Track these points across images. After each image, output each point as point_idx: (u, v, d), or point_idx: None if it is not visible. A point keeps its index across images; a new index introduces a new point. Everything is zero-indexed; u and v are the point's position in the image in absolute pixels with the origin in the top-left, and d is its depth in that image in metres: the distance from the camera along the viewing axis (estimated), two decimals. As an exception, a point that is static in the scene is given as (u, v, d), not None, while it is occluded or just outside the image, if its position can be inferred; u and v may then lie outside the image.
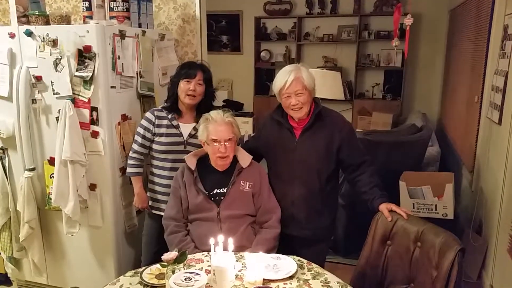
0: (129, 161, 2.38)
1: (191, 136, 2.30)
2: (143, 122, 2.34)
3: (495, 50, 2.92)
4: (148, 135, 2.32)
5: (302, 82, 2.01)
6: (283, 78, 2.02)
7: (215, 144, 2.02)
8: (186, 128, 2.32)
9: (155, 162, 2.36)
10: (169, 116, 2.31)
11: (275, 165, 2.18)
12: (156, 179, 2.36)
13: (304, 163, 2.08)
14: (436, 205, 2.89)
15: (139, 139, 2.34)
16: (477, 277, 2.83)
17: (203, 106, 2.29)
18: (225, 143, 2.01)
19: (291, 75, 2.00)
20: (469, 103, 3.65)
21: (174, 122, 2.31)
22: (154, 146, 2.33)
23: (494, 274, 2.60)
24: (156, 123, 2.31)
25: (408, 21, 3.06)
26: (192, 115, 2.34)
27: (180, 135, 2.31)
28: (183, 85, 2.25)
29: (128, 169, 2.38)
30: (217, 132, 2.02)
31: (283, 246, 2.09)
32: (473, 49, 3.73)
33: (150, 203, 2.42)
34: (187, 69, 2.27)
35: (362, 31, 5.89)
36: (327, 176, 2.11)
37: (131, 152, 2.38)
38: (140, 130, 2.34)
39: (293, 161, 2.09)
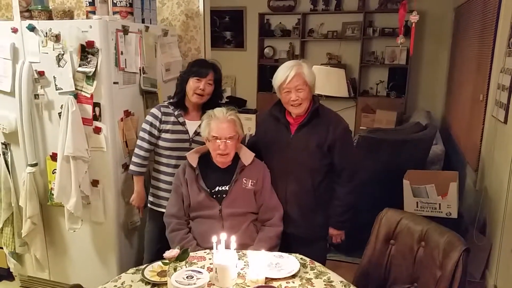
0: (134, 159, 2.33)
1: (196, 133, 2.28)
2: (149, 118, 2.30)
3: (501, 48, 2.89)
4: (154, 131, 2.28)
5: (303, 77, 2.00)
6: (285, 73, 2.02)
7: (216, 141, 2.00)
8: (192, 125, 2.29)
9: (159, 159, 2.34)
10: (176, 113, 2.29)
11: (269, 161, 2.17)
12: (160, 176, 2.35)
13: (296, 159, 2.08)
14: (440, 204, 2.87)
15: (145, 136, 2.29)
16: (481, 277, 2.81)
17: (210, 105, 2.24)
18: (226, 141, 2.00)
19: (293, 70, 2.00)
20: (474, 101, 3.62)
21: (181, 119, 2.29)
22: (160, 143, 2.30)
23: (498, 274, 2.58)
24: (163, 119, 2.28)
25: (414, 18, 3.04)
26: (198, 112, 2.31)
27: (186, 132, 2.29)
28: (192, 83, 2.23)
29: (132, 167, 2.35)
30: (218, 129, 2.00)
31: (280, 243, 2.08)
32: (478, 46, 3.70)
33: (152, 199, 2.40)
34: (199, 67, 2.24)
35: (366, 28, 5.84)
36: (320, 174, 2.10)
37: (136, 149, 2.33)
38: (145, 126, 2.30)
39: (286, 157, 2.08)
